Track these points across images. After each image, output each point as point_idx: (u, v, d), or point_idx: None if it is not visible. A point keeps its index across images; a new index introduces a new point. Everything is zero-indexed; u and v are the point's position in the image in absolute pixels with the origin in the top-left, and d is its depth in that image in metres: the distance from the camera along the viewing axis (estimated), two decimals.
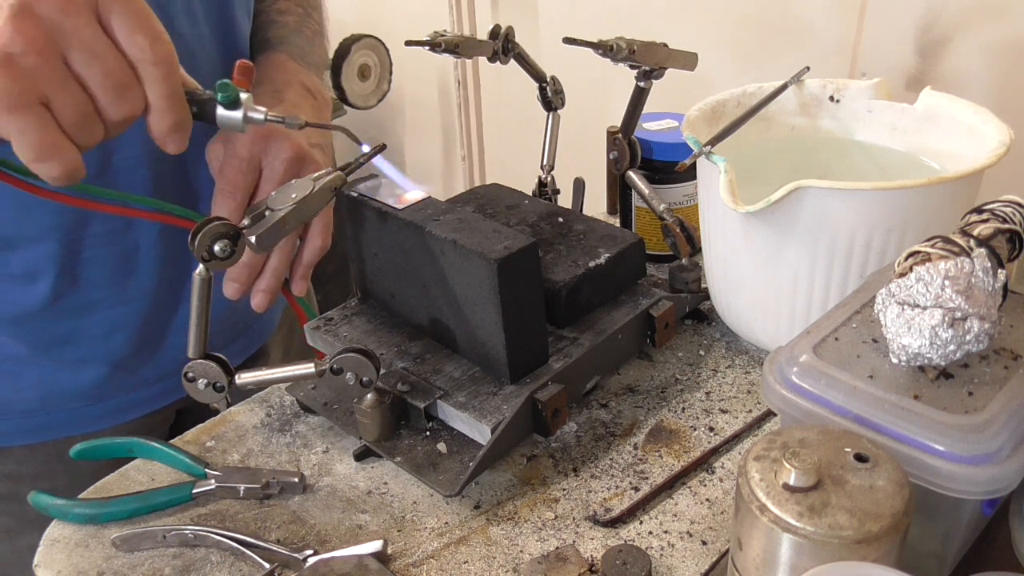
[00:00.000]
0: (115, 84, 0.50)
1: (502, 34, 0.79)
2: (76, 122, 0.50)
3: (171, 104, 0.52)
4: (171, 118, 0.53)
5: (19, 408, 0.78)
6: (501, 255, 0.58)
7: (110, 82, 0.50)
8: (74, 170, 0.51)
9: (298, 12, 0.86)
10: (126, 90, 0.51)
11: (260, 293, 0.71)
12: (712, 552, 0.57)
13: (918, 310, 0.47)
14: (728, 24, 1.34)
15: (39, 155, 0.49)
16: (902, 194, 0.61)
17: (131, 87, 0.51)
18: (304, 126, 0.58)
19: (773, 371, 0.50)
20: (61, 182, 0.51)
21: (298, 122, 0.58)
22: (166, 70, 0.52)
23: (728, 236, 0.70)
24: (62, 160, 0.50)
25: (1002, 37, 1.04)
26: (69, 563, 0.58)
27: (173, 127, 0.53)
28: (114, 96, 0.50)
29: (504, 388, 0.63)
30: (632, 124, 0.80)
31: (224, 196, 0.68)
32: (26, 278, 0.72)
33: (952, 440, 0.43)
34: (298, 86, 0.76)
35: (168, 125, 0.53)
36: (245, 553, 0.58)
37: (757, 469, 0.42)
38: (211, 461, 0.66)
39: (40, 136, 0.48)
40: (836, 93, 0.81)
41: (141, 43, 0.50)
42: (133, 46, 0.50)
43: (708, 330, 0.79)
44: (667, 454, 0.65)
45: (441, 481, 0.60)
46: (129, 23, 0.50)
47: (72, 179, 0.51)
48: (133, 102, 0.51)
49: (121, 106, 0.51)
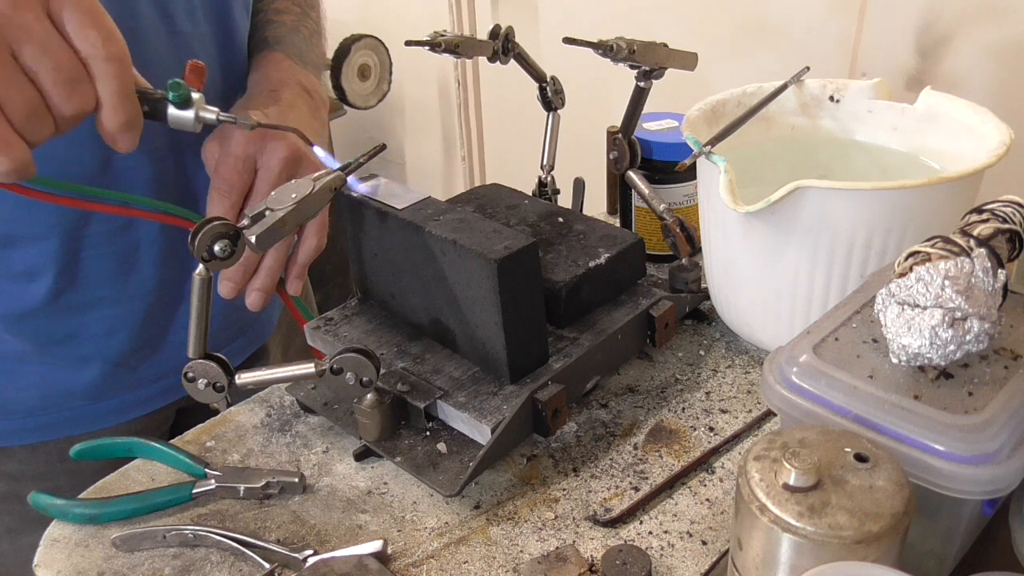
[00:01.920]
0: (65, 79, 0.50)
1: (502, 34, 0.79)
2: (25, 116, 0.50)
3: (122, 101, 0.52)
4: (122, 115, 0.53)
5: (20, 407, 0.78)
6: (501, 255, 0.58)
7: (60, 77, 0.50)
8: (23, 165, 0.50)
9: (296, 12, 0.86)
10: (76, 85, 0.50)
11: (255, 292, 0.72)
12: (712, 552, 0.57)
13: (918, 310, 0.47)
14: (728, 24, 1.34)
15: None
16: (902, 194, 0.61)
17: (82, 82, 0.51)
18: (256, 127, 0.59)
19: (773, 371, 0.50)
20: (11, 177, 0.51)
21: (249, 122, 0.58)
22: (118, 67, 0.51)
23: (728, 236, 0.70)
24: (11, 155, 0.50)
25: (1002, 37, 1.04)
26: (69, 563, 0.58)
27: (124, 125, 0.53)
28: (64, 91, 0.50)
29: (504, 388, 0.63)
30: (632, 124, 0.80)
31: (219, 195, 0.68)
32: (26, 276, 0.72)
33: (952, 440, 0.43)
34: (295, 86, 0.76)
35: (119, 123, 0.53)
36: (245, 553, 0.58)
37: (757, 469, 0.42)
38: (211, 461, 0.66)
39: None
40: (836, 93, 0.81)
41: (93, 39, 0.50)
42: (84, 42, 0.50)
43: (708, 330, 0.79)
44: (667, 454, 0.65)
45: (441, 481, 0.60)
46: (81, 19, 0.50)
47: (21, 174, 0.51)
48: (83, 97, 0.51)
49: (71, 101, 0.51)
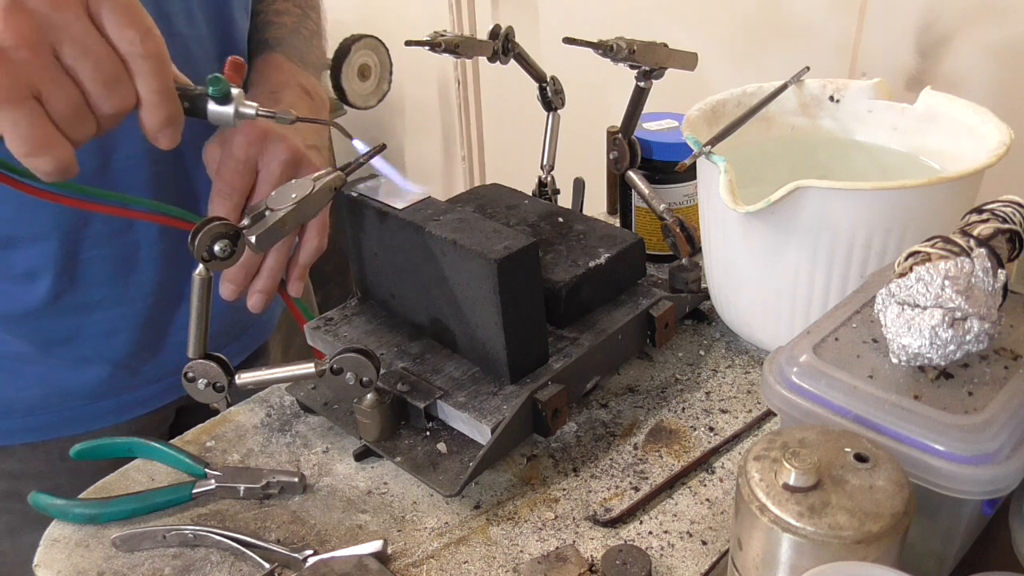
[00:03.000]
0: (106, 77, 0.50)
1: (502, 34, 0.79)
2: (68, 116, 0.50)
3: (162, 99, 0.53)
4: (163, 112, 0.53)
5: (21, 407, 0.78)
6: (501, 255, 0.58)
7: (101, 75, 0.50)
8: (67, 165, 0.51)
9: (296, 13, 0.86)
10: (117, 83, 0.51)
11: (256, 294, 0.72)
12: (712, 552, 0.57)
13: (918, 310, 0.47)
14: (728, 24, 1.34)
15: (31, 149, 0.49)
16: (902, 194, 0.61)
17: (122, 81, 0.51)
18: (295, 121, 0.59)
19: (773, 371, 0.50)
20: (54, 177, 0.51)
21: (289, 117, 0.58)
22: (157, 64, 0.52)
23: (728, 236, 0.70)
24: (55, 155, 0.50)
25: (1002, 37, 1.04)
26: (69, 563, 0.58)
27: (165, 122, 0.53)
28: (105, 89, 0.50)
29: (504, 388, 0.63)
30: (632, 124, 0.80)
31: (220, 197, 0.68)
32: (26, 277, 0.72)
33: (952, 440, 0.43)
34: (295, 87, 0.76)
35: (160, 120, 0.53)
36: (245, 553, 0.58)
37: (757, 469, 0.42)
38: (211, 461, 0.66)
39: (32, 130, 0.49)
40: (836, 93, 0.81)
41: (132, 37, 0.50)
42: (124, 40, 0.50)
43: (708, 330, 0.79)
44: (667, 454, 0.65)
45: (441, 481, 0.60)
46: (120, 18, 0.50)
47: (65, 174, 0.51)
48: (124, 96, 0.51)
49: (112, 100, 0.51)
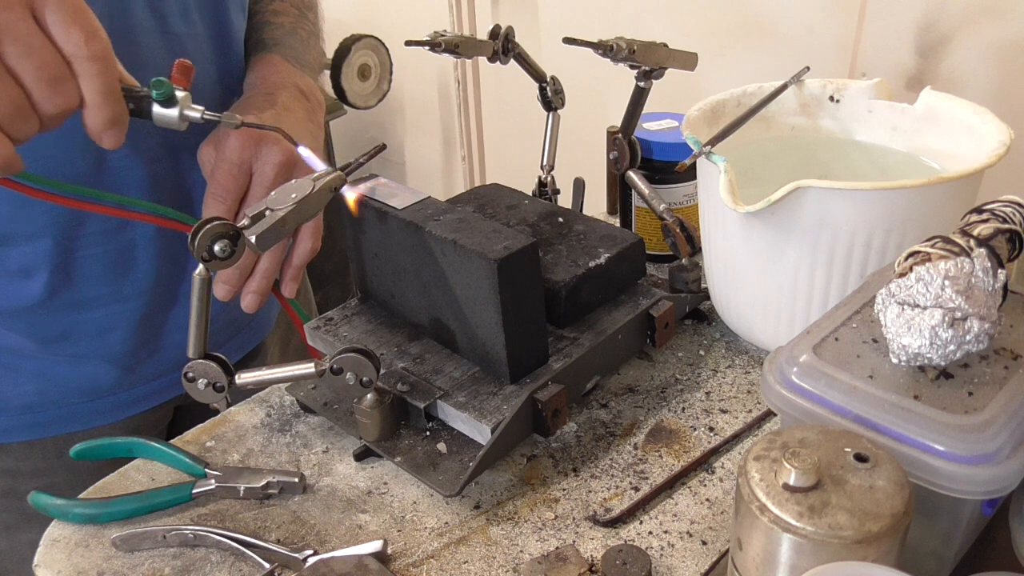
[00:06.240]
0: (49, 78, 0.51)
1: (502, 34, 0.79)
2: (9, 115, 0.50)
3: (106, 100, 0.53)
4: (106, 113, 0.53)
5: (17, 404, 0.78)
6: (501, 255, 0.58)
7: (44, 75, 0.50)
8: (8, 162, 0.51)
9: (293, 13, 0.86)
10: (60, 84, 0.51)
11: (250, 295, 0.72)
12: (712, 552, 0.57)
13: (918, 310, 0.47)
14: (728, 24, 1.34)
15: None
16: (902, 194, 0.61)
17: (65, 81, 0.51)
18: (240, 126, 0.60)
19: (773, 371, 0.50)
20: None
21: (235, 121, 0.59)
22: (101, 65, 0.52)
23: (728, 236, 0.70)
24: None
25: (1002, 37, 1.04)
26: (69, 563, 0.58)
27: (108, 122, 0.54)
28: (48, 89, 0.51)
29: (504, 388, 0.63)
30: (632, 124, 0.80)
31: (215, 199, 0.68)
32: (21, 274, 0.72)
33: (952, 440, 0.43)
34: (292, 88, 0.76)
35: (103, 120, 0.54)
36: (245, 553, 0.58)
37: (757, 469, 0.42)
38: (211, 461, 0.66)
39: None
40: (836, 93, 0.81)
41: (76, 38, 0.51)
42: (68, 41, 0.51)
43: (708, 330, 0.79)
44: (667, 454, 0.65)
45: (441, 481, 0.60)
46: (64, 18, 0.50)
47: (7, 171, 0.52)
48: (67, 96, 0.52)
49: (55, 100, 0.51)
